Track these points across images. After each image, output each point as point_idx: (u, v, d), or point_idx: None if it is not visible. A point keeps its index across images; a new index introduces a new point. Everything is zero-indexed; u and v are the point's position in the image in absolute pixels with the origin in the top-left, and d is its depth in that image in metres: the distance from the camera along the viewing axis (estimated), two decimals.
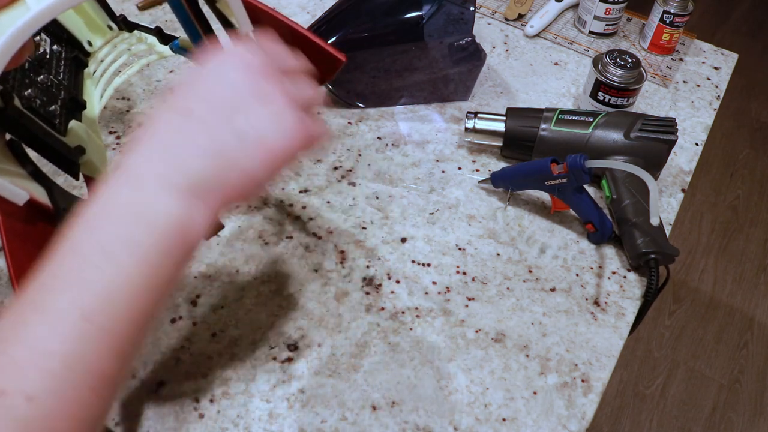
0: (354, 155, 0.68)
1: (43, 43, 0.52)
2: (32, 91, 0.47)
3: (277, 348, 0.52)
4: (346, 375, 0.50)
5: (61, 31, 0.56)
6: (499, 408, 0.49)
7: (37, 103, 0.46)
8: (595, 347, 0.54)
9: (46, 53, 0.52)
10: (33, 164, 0.44)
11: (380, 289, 0.56)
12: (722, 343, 1.52)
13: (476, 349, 0.53)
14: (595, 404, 0.50)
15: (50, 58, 0.52)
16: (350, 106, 0.74)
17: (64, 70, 0.54)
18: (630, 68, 0.69)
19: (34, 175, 0.43)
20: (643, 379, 1.44)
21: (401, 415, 0.48)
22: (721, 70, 0.85)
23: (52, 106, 0.48)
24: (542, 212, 0.64)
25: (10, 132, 0.44)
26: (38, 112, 0.46)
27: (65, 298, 0.29)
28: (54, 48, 0.53)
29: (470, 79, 0.75)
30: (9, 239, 0.42)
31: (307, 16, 0.87)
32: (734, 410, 1.40)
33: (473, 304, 0.56)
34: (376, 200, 0.64)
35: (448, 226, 0.62)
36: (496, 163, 0.69)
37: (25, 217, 0.43)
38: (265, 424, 0.47)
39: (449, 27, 0.71)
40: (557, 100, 0.78)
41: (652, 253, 0.57)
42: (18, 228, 0.43)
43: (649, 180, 0.54)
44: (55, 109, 0.49)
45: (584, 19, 0.88)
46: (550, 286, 0.58)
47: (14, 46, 0.33)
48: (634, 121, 0.63)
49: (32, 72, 0.49)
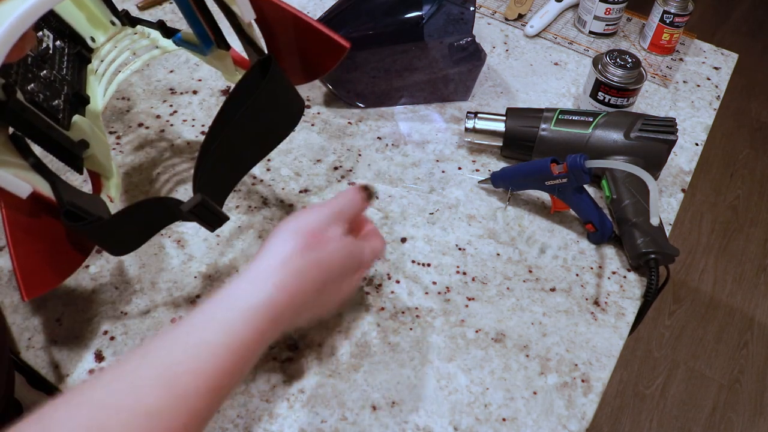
0: (354, 155, 0.68)
1: (46, 39, 0.52)
2: (35, 86, 0.47)
3: (277, 348, 0.52)
4: (346, 375, 0.50)
5: (64, 27, 0.56)
6: (499, 408, 0.49)
7: (40, 98, 0.46)
8: (595, 347, 0.54)
9: (49, 49, 0.52)
10: (35, 156, 0.44)
11: (380, 289, 0.56)
12: (722, 343, 1.52)
13: (476, 349, 0.53)
14: (595, 404, 0.50)
15: (53, 54, 0.52)
16: (350, 106, 0.74)
17: (67, 66, 0.53)
18: (630, 68, 0.69)
19: (36, 168, 0.43)
20: (643, 379, 1.44)
21: (401, 415, 0.48)
22: (721, 70, 0.85)
23: (55, 101, 0.48)
24: (542, 212, 0.64)
25: (13, 125, 0.44)
26: (41, 106, 0.46)
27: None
28: (57, 44, 0.53)
29: (470, 79, 0.75)
30: (13, 231, 0.42)
31: None
32: (734, 410, 1.40)
33: (473, 304, 0.56)
34: (376, 200, 0.64)
35: (448, 226, 0.62)
36: (496, 163, 0.69)
37: (30, 211, 0.43)
38: (265, 424, 0.47)
39: (449, 27, 0.71)
40: (557, 100, 0.78)
41: (652, 253, 0.57)
42: (22, 221, 0.43)
43: (649, 180, 0.54)
44: (59, 104, 0.49)
45: (584, 19, 0.88)
46: (550, 286, 0.58)
47: (15, 35, 0.33)
48: (634, 121, 0.63)
49: (35, 67, 0.48)
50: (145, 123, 0.71)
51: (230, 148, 0.45)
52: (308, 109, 0.74)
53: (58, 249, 0.46)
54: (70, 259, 0.48)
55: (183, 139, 0.69)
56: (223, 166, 0.46)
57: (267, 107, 0.46)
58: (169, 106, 0.73)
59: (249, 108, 0.44)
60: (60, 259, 0.47)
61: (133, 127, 0.70)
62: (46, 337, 0.52)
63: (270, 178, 0.65)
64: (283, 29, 0.49)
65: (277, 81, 0.45)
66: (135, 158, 0.67)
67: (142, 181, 0.64)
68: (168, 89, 0.75)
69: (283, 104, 0.48)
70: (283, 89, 0.47)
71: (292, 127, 0.50)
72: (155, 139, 0.69)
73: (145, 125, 0.70)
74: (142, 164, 0.66)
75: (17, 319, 0.53)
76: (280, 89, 0.46)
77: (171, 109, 0.72)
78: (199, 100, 0.73)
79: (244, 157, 0.48)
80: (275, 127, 0.49)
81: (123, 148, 0.68)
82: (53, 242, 0.46)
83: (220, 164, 0.46)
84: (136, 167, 0.66)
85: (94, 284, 0.55)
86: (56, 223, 0.45)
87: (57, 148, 0.47)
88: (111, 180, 0.54)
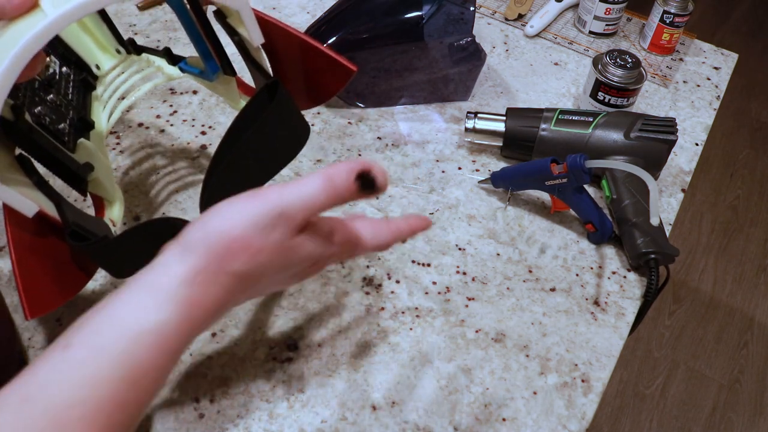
0: (354, 155, 0.68)
1: (53, 65, 0.53)
2: (42, 109, 0.47)
3: (277, 348, 0.52)
4: (346, 375, 0.50)
5: (71, 54, 0.57)
6: (499, 408, 0.49)
7: (46, 120, 0.47)
8: (595, 347, 0.54)
9: (55, 74, 0.52)
10: (39, 175, 0.44)
11: (380, 289, 0.56)
12: (722, 343, 1.52)
13: (476, 349, 0.53)
14: (595, 404, 0.50)
15: (59, 80, 0.53)
16: (350, 106, 0.74)
17: (73, 91, 0.54)
18: (630, 68, 0.69)
19: (40, 187, 0.43)
20: (643, 379, 1.44)
21: (401, 415, 0.48)
22: (721, 70, 0.85)
23: (61, 125, 0.49)
24: (542, 212, 0.64)
25: (20, 146, 0.44)
26: (48, 128, 0.47)
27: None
28: (63, 70, 0.54)
29: (470, 79, 0.75)
30: (18, 251, 0.42)
31: (307, 16, 0.87)
32: (734, 410, 1.40)
33: (473, 304, 0.56)
34: (376, 200, 0.64)
35: (448, 226, 0.62)
36: (496, 163, 0.69)
37: (35, 230, 0.44)
38: (265, 424, 0.47)
39: (449, 27, 0.71)
40: (557, 100, 0.78)
41: (652, 253, 0.57)
42: (27, 240, 0.43)
43: (649, 180, 0.54)
44: (64, 128, 0.49)
45: (584, 19, 0.88)
46: (550, 286, 0.58)
47: (32, 51, 0.33)
48: (634, 121, 0.63)
49: (42, 91, 0.49)
50: (145, 123, 0.71)
51: (236, 169, 0.45)
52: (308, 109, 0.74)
53: (62, 269, 0.46)
54: (74, 279, 0.48)
55: (183, 140, 0.69)
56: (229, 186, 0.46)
57: (274, 130, 0.46)
58: (169, 106, 0.73)
59: (256, 131, 0.44)
60: (64, 279, 0.47)
61: (133, 127, 0.70)
62: (45, 337, 0.52)
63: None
64: (290, 53, 0.50)
65: (283, 105, 0.45)
66: (135, 158, 0.67)
67: (141, 181, 0.64)
68: (168, 89, 0.75)
69: (289, 128, 0.48)
70: (289, 113, 0.47)
71: (297, 150, 0.50)
72: (155, 138, 0.69)
73: (145, 125, 0.70)
74: (142, 164, 0.66)
75: (17, 319, 0.53)
76: (286, 113, 0.46)
77: (171, 109, 0.72)
78: (199, 100, 0.73)
79: (249, 179, 0.48)
80: (281, 150, 0.49)
81: (123, 147, 0.68)
82: (57, 262, 0.46)
83: (226, 185, 0.46)
84: (135, 167, 0.66)
85: (94, 284, 0.55)
86: (60, 243, 0.45)
87: (63, 170, 0.48)
88: (114, 204, 0.54)
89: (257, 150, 0.46)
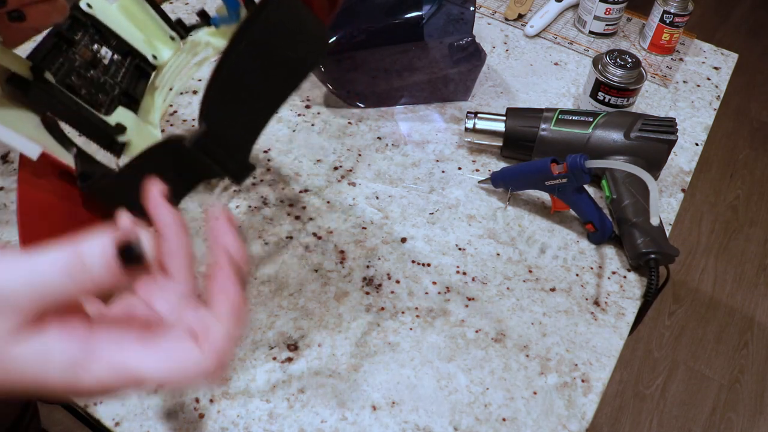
0: (354, 155, 0.68)
1: (105, 53, 0.52)
2: (75, 78, 0.47)
3: (277, 348, 0.52)
4: (346, 375, 0.50)
5: (123, 45, 0.56)
6: (499, 408, 0.49)
7: (78, 87, 0.46)
8: (595, 347, 0.54)
9: (102, 58, 0.52)
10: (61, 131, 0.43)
11: (380, 289, 0.56)
12: (722, 343, 1.52)
13: (476, 349, 0.53)
14: (595, 404, 0.50)
15: (109, 65, 0.52)
16: (350, 106, 0.74)
17: (124, 75, 0.54)
18: (630, 68, 0.69)
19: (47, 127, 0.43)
20: (643, 379, 1.44)
21: (401, 415, 0.48)
22: (721, 70, 0.85)
23: (99, 95, 0.48)
24: (542, 212, 0.64)
25: (40, 106, 0.43)
26: (76, 91, 0.46)
27: None
28: (115, 57, 0.53)
29: (470, 79, 0.75)
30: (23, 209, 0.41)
31: None
32: (734, 410, 1.40)
33: (473, 304, 0.56)
34: (376, 200, 0.64)
35: (448, 226, 0.62)
36: (496, 163, 0.69)
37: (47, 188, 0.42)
38: (265, 424, 0.47)
39: (449, 27, 0.71)
40: (557, 100, 0.78)
41: (652, 253, 0.57)
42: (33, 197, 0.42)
43: (649, 180, 0.54)
44: (104, 99, 0.49)
45: (584, 19, 0.88)
46: (550, 286, 0.58)
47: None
48: (634, 121, 0.63)
49: (82, 68, 0.49)
50: None
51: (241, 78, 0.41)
52: (308, 109, 0.74)
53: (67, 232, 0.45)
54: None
55: None
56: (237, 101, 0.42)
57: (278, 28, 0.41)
58: (169, 105, 0.73)
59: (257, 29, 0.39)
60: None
61: None
62: None
63: (270, 178, 0.65)
64: None
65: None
66: None
67: None
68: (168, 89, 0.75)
69: (298, 27, 0.43)
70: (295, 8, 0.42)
71: (313, 57, 0.45)
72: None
73: None
74: None
75: None
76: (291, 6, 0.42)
77: (171, 109, 0.72)
78: (199, 100, 0.73)
79: (263, 92, 0.43)
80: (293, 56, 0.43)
81: None
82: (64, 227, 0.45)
83: (233, 99, 0.41)
84: None
85: None
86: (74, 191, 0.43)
87: (90, 128, 0.47)
88: None
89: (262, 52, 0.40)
